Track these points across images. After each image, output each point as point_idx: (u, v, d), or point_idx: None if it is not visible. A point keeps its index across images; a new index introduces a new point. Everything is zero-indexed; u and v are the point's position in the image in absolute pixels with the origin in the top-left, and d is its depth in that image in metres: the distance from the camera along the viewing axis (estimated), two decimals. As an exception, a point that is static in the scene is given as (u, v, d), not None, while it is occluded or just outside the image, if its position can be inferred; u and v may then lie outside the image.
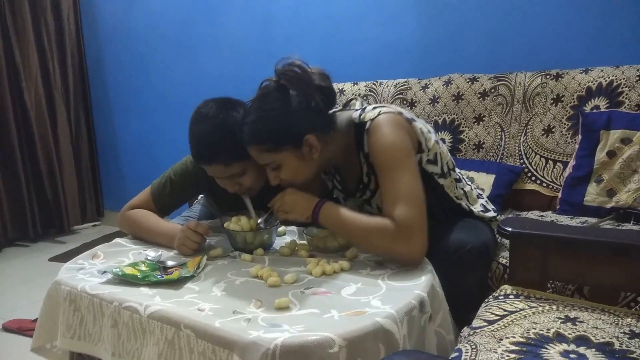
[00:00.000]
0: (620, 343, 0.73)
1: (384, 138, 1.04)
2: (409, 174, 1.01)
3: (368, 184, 1.18)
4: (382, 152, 1.04)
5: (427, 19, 2.09)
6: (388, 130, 1.05)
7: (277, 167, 1.10)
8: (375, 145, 1.06)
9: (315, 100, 1.06)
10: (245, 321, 0.80)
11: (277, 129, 1.05)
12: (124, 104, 3.09)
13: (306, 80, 1.06)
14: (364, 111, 1.12)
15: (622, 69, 1.59)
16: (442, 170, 1.16)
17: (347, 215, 1.04)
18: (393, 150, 1.03)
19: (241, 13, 2.54)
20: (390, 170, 1.02)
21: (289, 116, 1.05)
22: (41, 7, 2.85)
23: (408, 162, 1.03)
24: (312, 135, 1.06)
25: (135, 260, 1.11)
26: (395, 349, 0.78)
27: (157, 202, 1.31)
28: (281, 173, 1.10)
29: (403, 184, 1.00)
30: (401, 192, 0.99)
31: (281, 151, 1.07)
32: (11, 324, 1.83)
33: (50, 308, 1.04)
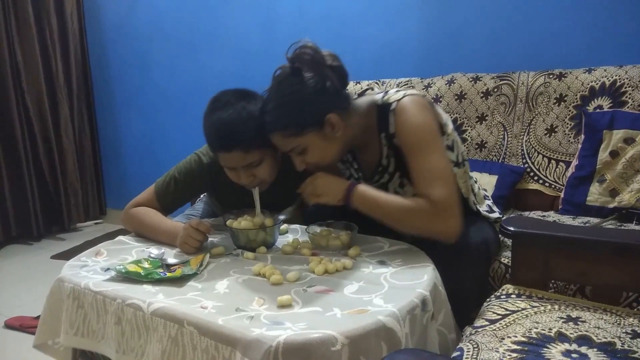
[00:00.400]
0: (622, 343, 0.73)
1: (413, 118, 1.06)
2: (440, 154, 1.05)
3: (387, 167, 1.19)
4: (413, 132, 1.06)
5: (430, 18, 2.09)
6: (416, 111, 1.07)
7: (302, 150, 1.10)
8: (404, 125, 1.07)
9: (330, 80, 1.07)
10: (247, 319, 0.80)
11: (299, 112, 1.06)
12: (127, 103, 3.10)
13: (320, 61, 1.07)
14: (386, 93, 1.14)
15: (626, 68, 1.59)
16: (457, 159, 1.17)
17: (382, 196, 1.06)
18: (423, 130, 1.06)
19: (244, 12, 2.54)
20: (421, 150, 1.05)
21: (308, 98, 1.06)
22: (44, 5, 2.86)
23: (438, 143, 1.06)
24: (334, 114, 1.08)
25: (139, 257, 1.11)
26: (398, 347, 0.78)
27: (161, 200, 1.31)
28: (307, 157, 1.11)
29: (435, 163, 1.03)
30: (435, 172, 1.02)
31: (305, 134, 1.08)
32: (13, 321, 1.84)
33: (53, 305, 1.04)
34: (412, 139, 1.07)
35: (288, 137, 1.09)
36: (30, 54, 2.80)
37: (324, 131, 1.09)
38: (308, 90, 1.06)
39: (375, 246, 1.14)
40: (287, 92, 1.07)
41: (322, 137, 1.09)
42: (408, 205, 1.03)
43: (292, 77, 1.08)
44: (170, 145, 2.94)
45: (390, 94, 1.13)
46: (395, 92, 1.14)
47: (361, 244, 1.15)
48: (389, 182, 1.22)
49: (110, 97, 3.16)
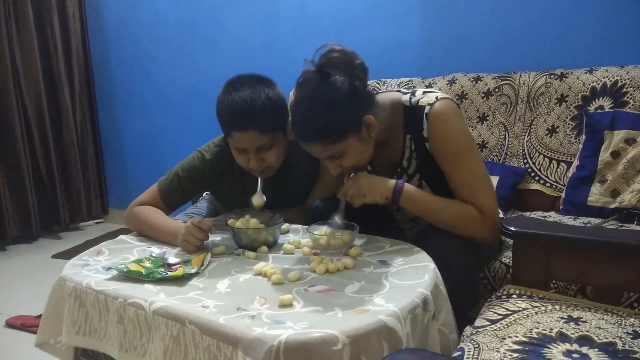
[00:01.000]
0: (623, 343, 0.73)
1: (453, 127, 1.09)
2: (480, 162, 1.10)
3: (407, 168, 1.19)
4: (453, 141, 1.09)
5: (432, 18, 2.09)
6: (454, 118, 1.10)
7: (340, 155, 1.10)
8: (443, 134, 1.09)
9: (359, 79, 1.07)
10: (249, 318, 0.80)
11: (338, 119, 1.05)
12: (128, 102, 3.10)
13: (350, 62, 1.07)
14: (414, 94, 1.14)
15: (627, 69, 1.59)
16: None
17: (431, 197, 1.10)
18: (463, 139, 1.09)
19: (245, 13, 2.54)
20: (464, 159, 1.08)
21: (344, 102, 1.05)
22: (46, 4, 2.85)
23: (476, 151, 1.11)
24: (369, 115, 1.08)
25: (140, 257, 1.11)
26: (399, 346, 0.78)
27: (164, 198, 1.32)
28: (344, 160, 1.11)
29: (477, 172, 1.07)
30: (480, 180, 1.07)
31: (345, 138, 1.07)
32: (15, 320, 1.84)
33: (55, 304, 1.04)
34: (452, 147, 1.09)
35: (328, 146, 1.07)
36: (30, 53, 2.80)
37: (361, 133, 1.09)
38: (343, 94, 1.04)
39: (376, 246, 1.14)
40: (323, 100, 1.04)
41: (360, 140, 1.09)
42: (458, 211, 1.07)
43: (323, 83, 1.05)
44: (171, 145, 2.94)
45: (418, 95, 1.13)
46: (422, 93, 1.13)
47: (362, 243, 1.15)
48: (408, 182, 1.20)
49: (111, 96, 3.16)
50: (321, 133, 1.06)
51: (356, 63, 1.08)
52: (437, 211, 1.09)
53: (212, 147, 1.35)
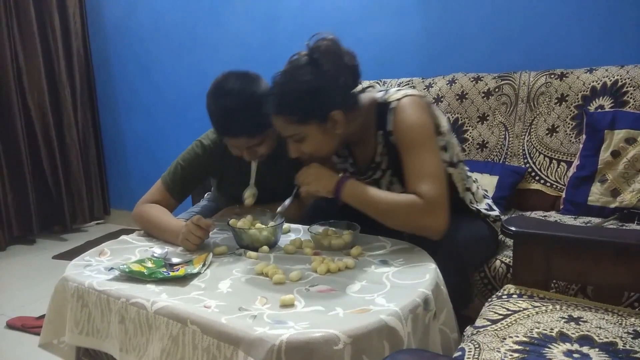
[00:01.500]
0: (623, 343, 0.73)
1: (410, 118, 1.09)
2: (433, 153, 1.07)
3: (380, 164, 1.22)
4: (408, 130, 1.08)
5: (432, 18, 2.09)
6: (414, 110, 1.09)
7: (300, 139, 1.12)
8: (401, 124, 1.10)
9: (344, 77, 1.09)
10: (250, 318, 0.80)
11: (307, 102, 1.07)
12: (128, 103, 3.10)
13: (337, 57, 1.09)
14: (387, 92, 1.16)
15: (627, 68, 1.59)
16: (452, 160, 1.18)
17: (372, 190, 1.08)
18: (419, 129, 1.08)
19: (245, 13, 2.55)
20: (415, 148, 1.07)
21: (319, 90, 1.07)
22: (46, 5, 2.86)
23: (432, 142, 1.08)
24: (339, 112, 1.09)
25: (142, 257, 1.12)
26: (400, 346, 0.78)
27: (170, 190, 1.34)
28: (303, 146, 1.13)
29: (428, 162, 1.05)
30: (426, 169, 1.04)
31: (307, 124, 1.09)
32: (15, 321, 1.84)
33: (58, 304, 1.05)
34: (407, 136, 1.09)
35: (290, 123, 1.10)
36: (32, 53, 2.81)
37: (325, 125, 1.10)
38: (321, 83, 1.07)
39: (377, 246, 1.15)
40: (300, 79, 1.08)
41: (322, 131, 1.11)
42: (398, 200, 1.05)
43: (309, 66, 1.08)
44: (172, 145, 2.94)
45: (390, 93, 1.15)
46: (396, 91, 1.15)
47: (363, 243, 1.15)
48: (381, 178, 1.24)
49: (111, 97, 3.16)
50: (286, 109, 1.09)
51: (345, 61, 1.10)
52: (375, 204, 1.07)
53: (210, 135, 1.39)
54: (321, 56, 1.07)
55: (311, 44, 1.10)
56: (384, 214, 1.08)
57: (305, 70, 1.08)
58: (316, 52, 1.08)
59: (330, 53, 1.08)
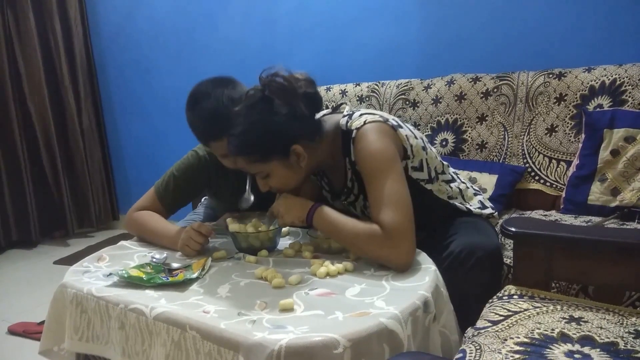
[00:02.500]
0: (625, 343, 0.73)
1: (369, 146, 1.06)
2: (394, 180, 1.02)
3: (352, 189, 1.21)
4: (368, 159, 1.06)
5: (430, 19, 2.09)
6: (373, 137, 1.06)
7: (266, 175, 1.11)
8: (361, 153, 1.07)
9: (300, 108, 1.06)
10: (250, 323, 0.80)
11: (264, 141, 1.06)
12: (128, 107, 3.10)
13: (290, 90, 1.06)
14: (350, 118, 1.13)
15: (626, 67, 1.59)
16: (430, 176, 1.17)
17: (339, 220, 1.05)
18: (378, 157, 1.05)
19: (242, 17, 2.55)
20: (376, 177, 1.03)
21: (275, 127, 1.06)
22: (47, 10, 2.86)
23: (393, 169, 1.04)
24: (299, 145, 1.08)
25: (141, 262, 1.11)
26: (400, 349, 0.78)
27: (162, 200, 1.31)
28: (270, 181, 1.12)
29: (389, 189, 1.01)
30: (387, 197, 1.00)
31: (269, 161, 1.08)
32: (16, 327, 1.84)
33: (57, 311, 1.04)
34: (367, 165, 1.06)
35: (252, 162, 1.09)
36: (32, 58, 2.79)
37: (289, 160, 1.09)
38: (276, 119, 1.05)
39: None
40: (254, 119, 1.06)
41: (286, 166, 1.10)
42: (361, 230, 1.01)
43: (262, 103, 1.07)
44: (172, 150, 2.92)
45: (353, 119, 1.12)
46: (358, 116, 1.13)
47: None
48: (355, 201, 1.24)
49: (111, 101, 3.16)
50: (245, 150, 1.08)
51: (301, 92, 1.06)
52: (342, 233, 1.04)
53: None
54: (272, 92, 1.06)
55: (263, 77, 1.08)
56: (348, 243, 1.06)
57: (259, 108, 1.07)
58: (267, 89, 1.06)
59: (283, 88, 1.06)
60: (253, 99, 1.08)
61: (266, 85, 1.07)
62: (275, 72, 1.07)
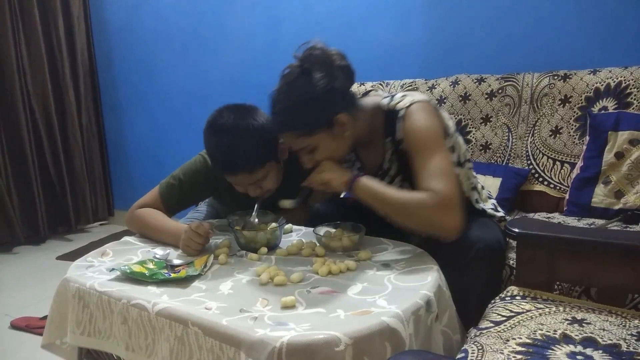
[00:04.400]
0: (627, 345, 0.73)
1: (419, 122, 1.09)
2: (444, 154, 1.06)
3: (388, 170, 1.22)
4: (418, 135, 1.09)
5: (435, 20, 2.09)
6: (422, 115, 1.10)
7: (312, 150, 1.12)
8: (410, 128, 1.10)
9: (339, 79, 1.09)
10: (251, 319, 0.80)
11: (309, 113, 1.08)
12: (131, 105, 3.11)
13: (329, 61, 1.09)
14: (392, 99, 1.16)
15: (631, 69, 1.58)
16: (459, 160, 1.19)
17: (385, 188, 1.07)
18: (428, 133, 1.08)
19: (248, 15, 2.55)
20: (426, 150, 1.06)
21: (318, 99, 1.07)
22: (51, 7, 2.87)
23: (442, 144, 1.08)
24: (343, 114, 1.10)
25: (144, 258, 1.12)
26: (402, 348, 0.78)
27: (165, 201, 1.31)
28: (316, 155, 1.13)
29: (439, 162, 1.04)
30: (438, 169, 1.03)
31: (316, 133, 1.09)
32: (19, 321, 1.85)
33: (60, 305, 1.05)
34: (417, 141, 1.09)
35: (299, 137, 1.11)
36: (37, 55, 2.82)
37: (333, 130, 1.10)
38: (318, 91, 1.07)
39: (379, 248, 1.14)
40: (297, 93, 1.08)
41: (331, 137, 1.11)
42: (412, 197, 1.02)
43: (302, 77, 1.09)
44: (175, 147, 2.95)
45: (396, 99, 1.15)
46: (401, 97, 1.15)
47: (365, 245, 1.15)
48: (390, 183, 1.23)
49: (115, 98, 3.17)
50: (293, 125, 1.10)
51: (337, 64, 1.10)
52: (388, 201, 1.04)
53: None
54: (312, 65, 1.08)
55: (300, 54, 1.11)
56: (396, 211, 1.05)
57: (300, 82, 1.08)
58: (306, 62, 1.09)
59: (321, 60, 1.08)
60: (291, 75, 1.10)
61: (305, 58, 1.09)
62: (313, 46, 1.10)
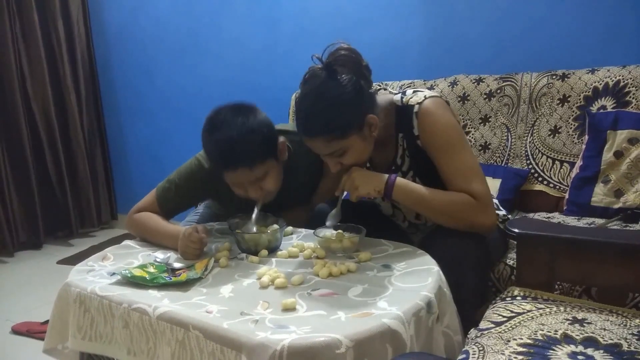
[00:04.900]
0: (628, 344, 0.73)
1: (440, 120, 1.11)
2: (470, 152, 1.11)
3: (400, 166, 1.22)
4: (441, 133, 1.10)
5: (433, 20, 2.09)
6: (441, 112, 1.11)
7: (342, 153, 1.11)
8: (432, 127, 1.11)
9: (366, 80, 1.10)
10: (252, 322, 0.80)
11: (342, 116, 1.07)
12: (131, 108, 3.11)
13: (357, 61, 1.10)
14: (404, 94, 1.17)
15: (629, 68, 1.58)
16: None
17: (424, 189, 1.10)
18: (451, 130, 1.10)
19: (246, 17, 2.55)
20: (453, 149, 1.09)
21: (350, 101, 1.07)
22: (50, 10, 2.87)
23: (465, 141, 1.12)
24: (372, 114, 1.10)
25: (144, 262, 1.12)
26: (403, 349, 0.78)
27: (162, 205, 1.30)
28: (345, 158, 1.12)
29: (469, 161, 1.09)
30: (471, 169, 1.08)
31: (348, 136, 1.09)
32: (20, 326, 1.84)
33: (61, 310, 1.05)
34: (441, 139, 1.10)
35: (331, 141, 1.09)
36: (36, 58, 2.81)
37: (363, 132, 1.11)
38: (349, 92, 1.07)
39: (379, 249, 1.14)
40: (329, 96, 1.07)
41: (362, 138, 1.11)
42: (454, 199, 1.07)
43: (330, 80, 1.08)
44: (175, 150, 2.94)
45: (409, 95, 1.16)
46: (413, 92, 1.16)
47: (366, 247, 1.15)
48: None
49: (114, 101, 3.17)
50: (326, 129, 1.08)
51: (364, 64, 1.11)
52: (430, 201, 1.09)
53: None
54: (341, 66, 1.08)
55: (326, 56, 1.10)
56: (437, 212, 1.10)
57: (328, 85, 1.08)
58: (335, 64, 1.08)
59: (350, 61, 1.09)
60: (317, 79, 1.10)
61: (335, 60, 1.09)
62: (340, 47, 1.10)
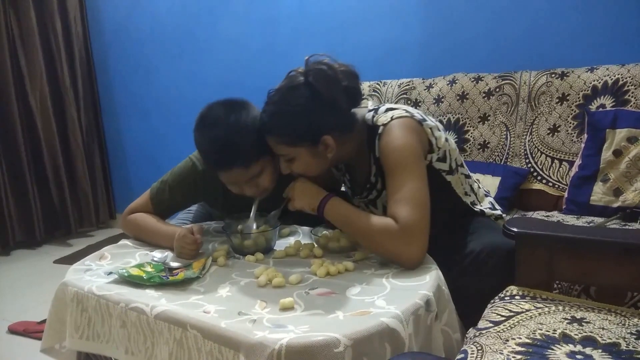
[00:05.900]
0: (627, 344, 0.72)
1: (394, 141, 1.06)
2: (416, 178, 1.02)
3: (375, 184, 1.19)
4: (392, 154, 1.05)
5: (432, 18, 2.09)
6: (399, 133, 1.06)
7: (290, 159, 1.11)
8: (385, 147, 1.07)
9: (340, 101, 1.07)
10: (250, 322, 0.80)
11: (298, 126, 1.06)
12: (129, 107, 3.10)
13: (333, 80, 1.06)
14: (376, 112, 1.13)
15: (628, 67, 1.58)
16: (450, 167, 1.16)
17: (352, 212, 1.06)
18: (402, 153, 1.04)
19: (243, 17, 2.55)
20: (398, 172, 1.03)
21: (311, 115, 1.05)
22: (48, 9, 2.86)
23: (416, 166, 1.04)
24: (330, 137, 1.07)
25: (142, 261, 1.11)
26: (402, 348, 0.77)
27: (155, 206, 1.29)
28: (293, 165, 1.12)
29: (409, 186, 1.00)
30: (407, 194, 0.99)
31: (297, 146, 1.08)
32: (17, 326, 1.84)
33: (58, 309, 1.04)
34: (390, 160, 1.05)
35: (280, 144, 1.09)
36: (34, 57, 2.80)
37: (316, 149, 1.08)
38: (314, 107, 1.05)
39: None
40: (293, 102, 1.06)
41: (312, 154, 1.09)
42: (375, 223, 1.00)
43: (304, 88, 1.06)
44: (172, 150, 2.94)
45: (379, 114, 1.12)
46: (384, 111, 1.12)
47: (363, 245, 1.14)
48: (377, 198, 1.21)
49: (111, 100, 3.16)
50: (276, 131, 1.08)
51: (343, 84, 1.06)
52: (352, 223, 1.04)
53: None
54: (316, 79, 1.05)
55: (309, 63, 1.07)
56: (359, 235, 1.05)
57: (300, 92, 1.06)
58: (311, 75, 1.05)
59: (326, 78, 1.05)
60: (295, 81, 1.07)
61: (310, 71, 1.06)
62: (321, 60, 1.07)
